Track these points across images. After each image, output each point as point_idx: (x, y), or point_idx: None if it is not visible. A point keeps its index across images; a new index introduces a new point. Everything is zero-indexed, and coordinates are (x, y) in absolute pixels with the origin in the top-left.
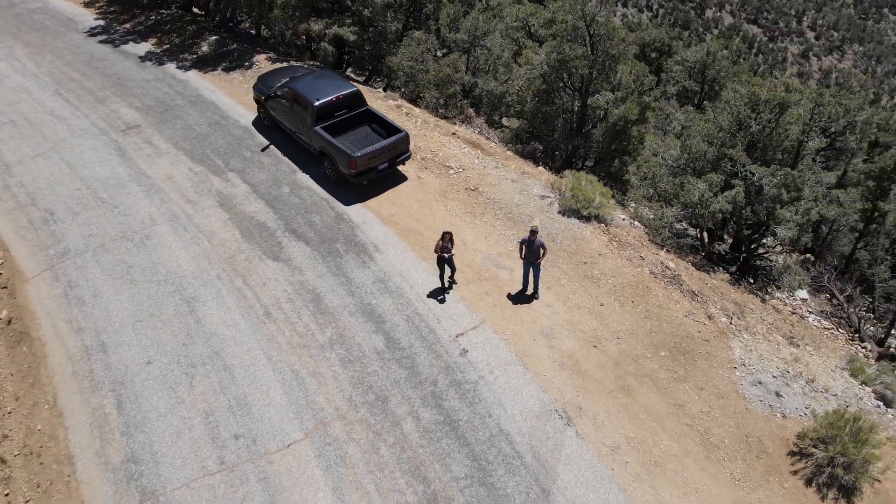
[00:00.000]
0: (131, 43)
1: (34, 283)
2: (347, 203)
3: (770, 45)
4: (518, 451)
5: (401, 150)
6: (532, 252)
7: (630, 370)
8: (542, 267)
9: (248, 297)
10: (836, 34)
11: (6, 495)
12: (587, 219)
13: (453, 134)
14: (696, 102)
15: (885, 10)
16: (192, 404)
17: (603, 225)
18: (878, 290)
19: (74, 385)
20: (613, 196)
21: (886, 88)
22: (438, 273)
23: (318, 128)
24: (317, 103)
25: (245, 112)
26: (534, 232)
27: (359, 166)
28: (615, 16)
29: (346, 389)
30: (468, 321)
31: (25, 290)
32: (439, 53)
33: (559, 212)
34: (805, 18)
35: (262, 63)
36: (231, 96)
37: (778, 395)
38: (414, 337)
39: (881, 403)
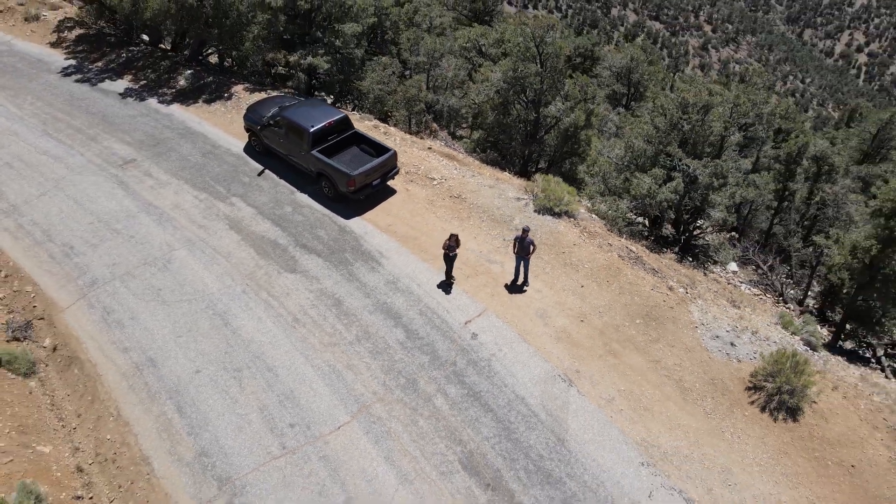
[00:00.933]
0: (108, 81)
1: (70, 311)
2: (347, 217)
3: (672, 40)
4: (533, 411)
5: (390, 166)
6: (523, 248)
7: (613, 337)
8: (528, 262)
9: (275, 307)
10: (730, 26)
11: (90, 498)
12: (559, 215)
13: (429, 149)
14: (624, 104)
15: (773, 2)
16: (246, 402)
17: (573, 219)
18: (794, 258)
19: (133, 397)
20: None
21: (779, 75)
22: (445, 269)
23: (314, 152)
24: (312, 129)
25: (234, 140)
26: (525, 231)
27: (357, 184)
28: (529, 18)
29: (380, 376)
30: (473, 310)
31: (63, 319)
32: (395, 73)
33: (535, 210)
34: (702, 13)
35: (241, 93)
36: (218, 126)
37: (732, 345)
38: (429, 327)
39: (808, 348)
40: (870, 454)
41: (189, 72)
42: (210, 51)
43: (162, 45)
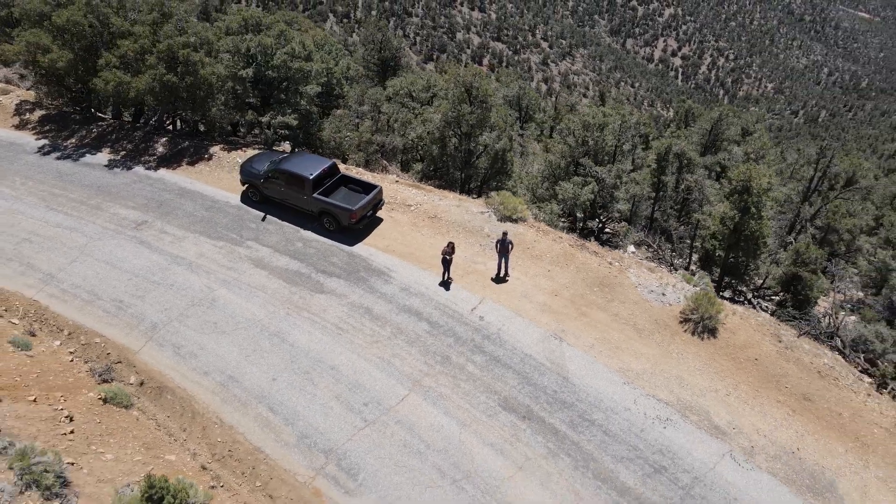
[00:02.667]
0: (88, 155)
1: (144, 352)
2: (351, 245)
3: (516, 58)
4: (540, 362)
5: (378, 199)
6: (504, 247)
7: (581, 303)
8: (508, 257)
9: (319, 322)
10: (564, 42)
11: (222, 486)
12: (516, 221)
13: (397, 181)
14: (519, 126)
15: (596, 17)
16: (323, 394)
17: (526, 223)
18: (674, 235)
19: (229, 407)
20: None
21: (612, 82)
22: (442, 270)
23: (316, 195)
24: (312, 177)
25: (229, 194)
26: (505, 234)
27: (357, 216)
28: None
29: (420, 358)
30: (474, 300)
31: (140, 359)
32: (349, 123)
33: (498, 220)
34: (538, 31)
35: (219, 153)
36: (209, 184)
37: (663, 294)
38: (446, 317)
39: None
40: (764, 350)
41: (164, 139)
42: (168, 119)
43: (124, 118)
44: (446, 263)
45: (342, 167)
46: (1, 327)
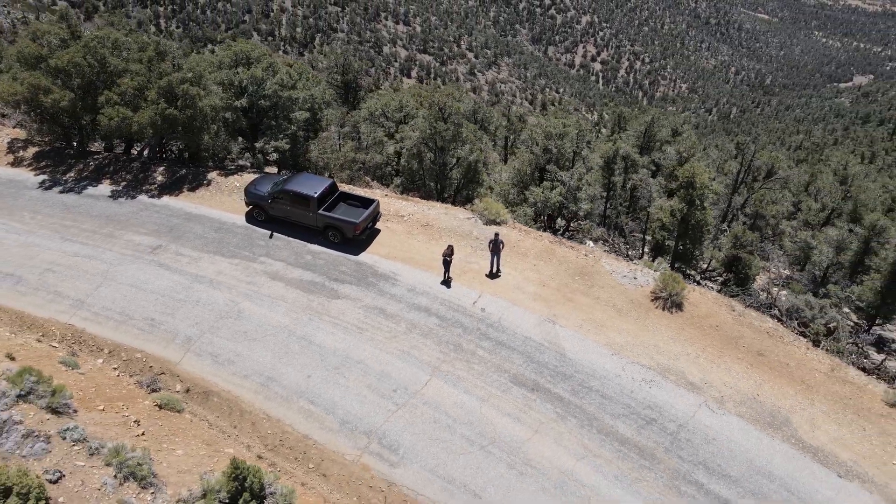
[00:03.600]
0: (90, 187)
1: (184, 363)
2: (356, 254)
3: (443, 69)
4: (539, 343)
5: (377, 212)
6: (496, 247)
7: (566, 291)
8: (500, 256)
9: (340, 324)
10: (489, 52)
11: (279, 470)
12: (500, 224)
13: (386, 195)
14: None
15: (518, 26)
16: (355, 386)
17: (509, 225)
18: (625, 230)
19: (273, 404)
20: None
21: (538, 89)
22: (443, 271)
23: (321, 211)
24: (316, 195)
25: (234, 216)
26: (497, 235)
27: (361, 228)
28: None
29: (435, 348)
30: (474, 295)
31: (181, 369)
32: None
33: (484, 224)
34: (463, 42)
35: (217, 178)
36: (213, 207)
37: (635, 278)
38: (452, 311)
39: None
40: (722, 318)
41: (161, 167)
42: (158, 149)
43: (115, 151)
44: (447, 264)
45: None
46: (45, 351)
